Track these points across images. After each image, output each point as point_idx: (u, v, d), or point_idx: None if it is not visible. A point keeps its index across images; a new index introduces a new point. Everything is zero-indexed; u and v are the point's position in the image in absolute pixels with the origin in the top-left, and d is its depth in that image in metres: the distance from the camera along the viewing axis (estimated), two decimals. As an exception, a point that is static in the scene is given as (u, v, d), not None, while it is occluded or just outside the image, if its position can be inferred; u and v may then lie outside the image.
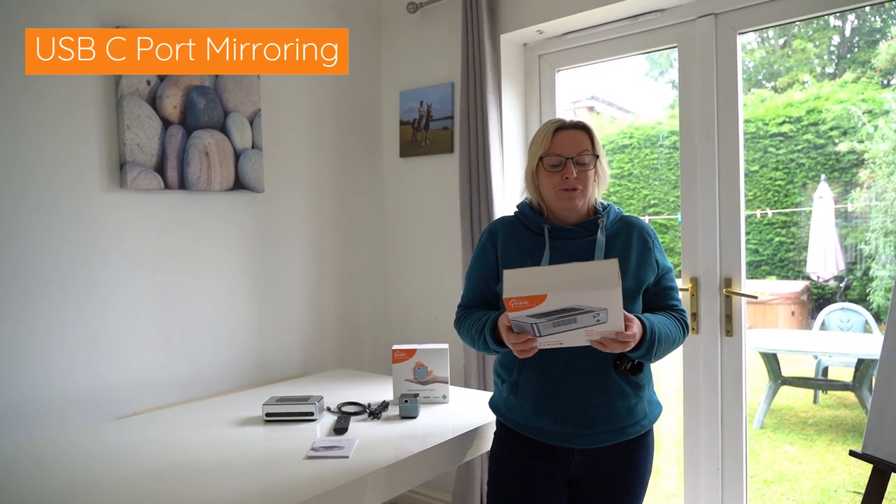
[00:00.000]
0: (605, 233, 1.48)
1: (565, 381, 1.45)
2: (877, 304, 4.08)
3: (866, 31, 4.46)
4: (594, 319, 1.24)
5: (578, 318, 1.24)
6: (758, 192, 4.41)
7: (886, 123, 4.04)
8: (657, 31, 2.32)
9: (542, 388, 1.47)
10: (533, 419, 1.49)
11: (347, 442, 1.60)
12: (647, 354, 1.38)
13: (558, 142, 1.48)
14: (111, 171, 2.08)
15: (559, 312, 1.23)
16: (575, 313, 1.23)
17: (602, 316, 1.23)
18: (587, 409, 1.44)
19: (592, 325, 1.26)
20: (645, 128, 4.96)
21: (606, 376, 1.44)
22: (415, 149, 2.83)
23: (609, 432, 1.46)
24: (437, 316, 2.79)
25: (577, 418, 1.45)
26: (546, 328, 1.27)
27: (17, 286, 1.89)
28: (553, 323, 1.26)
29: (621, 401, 1.45)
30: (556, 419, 1.46)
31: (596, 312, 1.23)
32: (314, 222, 2.71)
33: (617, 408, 1.45)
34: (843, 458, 3.38)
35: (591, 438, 1.46)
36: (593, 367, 1.43)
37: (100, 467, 1.51)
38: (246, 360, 2.46)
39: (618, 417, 1.45)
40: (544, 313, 1.23)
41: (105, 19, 2.04)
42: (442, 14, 2.71)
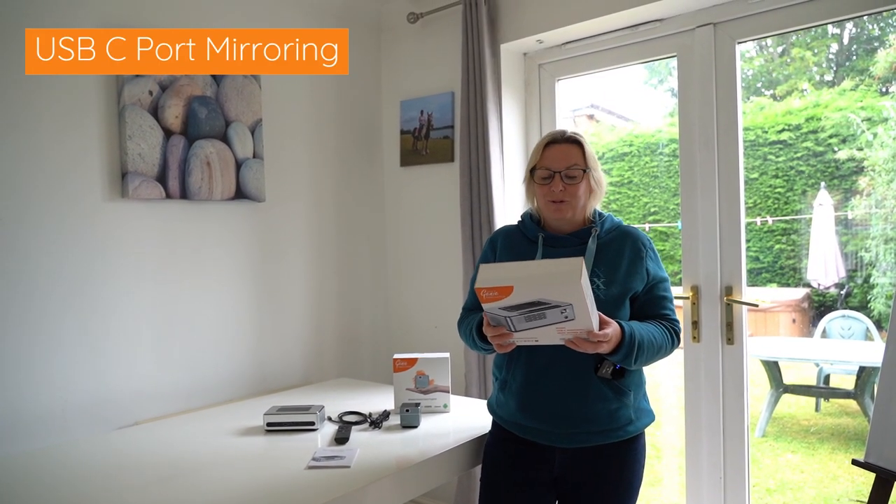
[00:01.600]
0: (596, 241, 1.52)
1: (547, 380, 1.49)
2: (878, 312, 4.08)
3: (864, 39, 4.47)
4: (563, 316, 1.28)
5: (547, 313, 1.28)
6: (758, 200, 4.41)
7: (885, 131, 4.05)
8: (656, 41, 2.33)
9: (526, 385, 1.52)
10: (517, 415, 1.54)
11: (348, 451, 1.60)
12: (626, 359, 1.40)
13: (548, 155, 1.53)
14: (113, 180, 2.08)
15: (528, 306, 1.28)
16: (543, 308, 1.27)
17: (569, 312, 1.27)
18: (566, 408, 1.48)
19: (563, 322, 1.30)
20: (645, 136, 4.97)
21: (587, 378, 1.46)
22: (415, 158, 2.83)
23: (590, 433, 1.48)
24: (437, 325, 2.79)
25: (557, 417, 1.48)
26: (519, 322, 1.32)
27: (19, 295, 1.89)
28: (525, 317, 1.31)
29: (601, 404, 1.47)
30: (538, 417, 1.50)
31: (563, 308, 1.26)
32: (315, 231, 2.71)
33: (597, 410, 1.47)
34: (846, 467, 3.37)
35: (570, 438, 1.49)
36: (575, 369, 1.46)
37: (101, 477, 1.50)
38: (247, 369, 2.45)
39: (597, 420, 1.47)
40: (514, 306, 1.29)
41: (105, 20, 2.05)
42: (442, 24, 2.73)
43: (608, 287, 1.47)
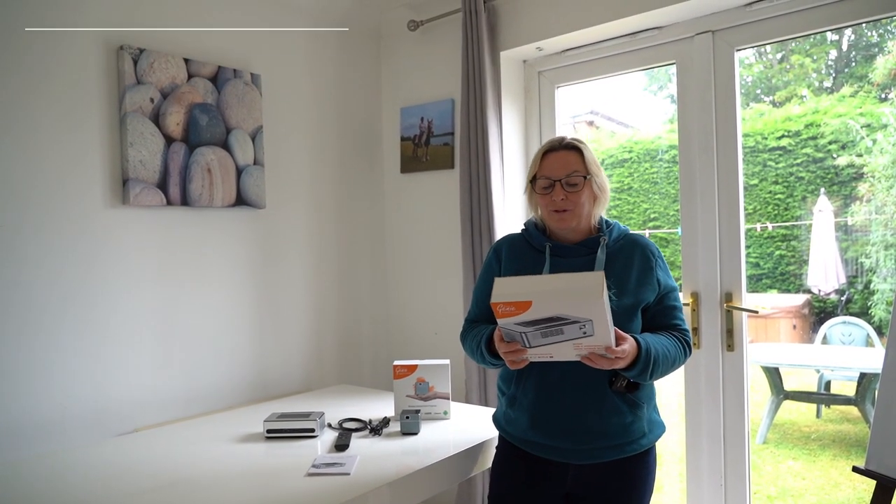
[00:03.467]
0: (605, 251, 1.49)
1: (560, 396, 1.46)
2: (878, 318, 4.08)
3: (863, 45, 4.49)
4: (581, 331, 1.25)
5: (565, 328, 1.25)
6: (758, 206, 4.42)
7: (885, 137, 4.06)
8: (655, 48, 2.34)
9: (538, 402, 1.48)
10: (528, 433, 1.50)
11: (349, 459, 1.60)
12: (642, 374, 1.37)
13: (547, 164, 1.50)
14: (114, 187, 2.09)
15: (545, 322, 1.24)
16: (561, 323, 1.24)
17: (588, 328, 1.24)
18: (581, 424, 1.44)
19: (580, 338, 1.26)
20: (644, 142, 4.98)
21: (602, 392, 1.43)
22: (415, 164, 2.84)
23: (604, 449, 1.45)
24: (437, 331, 2.79)
25: (572, 433, 1.45)
26: (535, 338, 1.29)
27: (19, 302, 1.89)
28: (541, 333, 1.27)
29: (616, 418, 1.44)
30: (551, 433, 1.47)
31: (582, 324, 1.23)
32: (315, 238, 2.72)
33: (612, 424, 1.44)
34: (847, 474, 3.36)
35: (585, 454, 1.46)
36: (588, 383, 1.43)
37: (101, 484, 1.50)
38: (247, 376, 2.45)
39: (613, 434, 1.45)
40: (531, 321, 1.25)
41: (110, 38, 2.06)
42: (442, 31, 2.74)
43: (620, 298, 1.44)
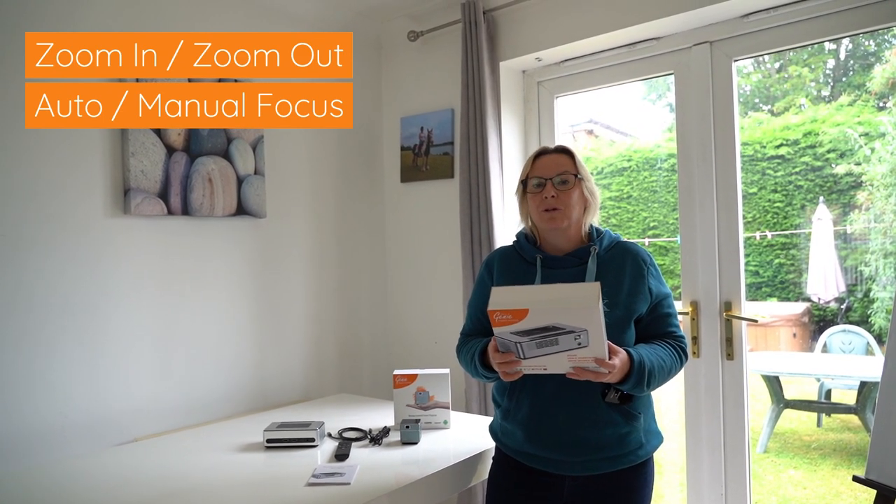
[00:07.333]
0: (596, 261, 1.50)
1: (555, 408, 1.46)
2: (878, 326, 4.08)
3: (861, 54, 4.52)
4: (576, 342, 1.26)
5: (560, 339, 1.26)
6: (757, 215, 4.43)
7: (883, 146, 4.07)
8: (654, 59, 2.36)
9: (532, 414, 1.48)
10: (524, 445, 1.50)
11: (349, 468, 1.59)
12: (636, 387, 1.37)
13: (539, 165, 1.55)
14: (115, 196, 2.10)
15: (541, 331, 1.25)
16: (556, 333, 1.25)
17: (583, 338, 1.25)
18: (576, 437, 1.44)
19: (575, 349, 1.27)
20: (643, 151, 5.00)
21: (596, 405, 1.43)
22: (415, 174, 2.85)
23: (600, 460, 1.45)
24: (437, 340, 2.79)
25: (567, 445, 1.45)
26: (529, 349, 1.29)
27: (19, 311, 1.90)
28: (536, 343, 1.28)
29: (611, 429, 1.44)
30: (546, 446, 1.47)
31: (577, 334, 1.24)
32: (315, 247, 2.72)
33: (607, 436, 1.44)
34: (848, 483, 3.35)
35: (581, 466, 1.45)
36: (583, 396, 1.43)
37: (100, 494, 1.50)
38: (247, 385, 2.45)
39: (608, 446, 1.44)
40: (527, 331, 1.26)
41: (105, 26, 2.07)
42: (442, 42, 2.76)
43: (612, 309, 1.44)
